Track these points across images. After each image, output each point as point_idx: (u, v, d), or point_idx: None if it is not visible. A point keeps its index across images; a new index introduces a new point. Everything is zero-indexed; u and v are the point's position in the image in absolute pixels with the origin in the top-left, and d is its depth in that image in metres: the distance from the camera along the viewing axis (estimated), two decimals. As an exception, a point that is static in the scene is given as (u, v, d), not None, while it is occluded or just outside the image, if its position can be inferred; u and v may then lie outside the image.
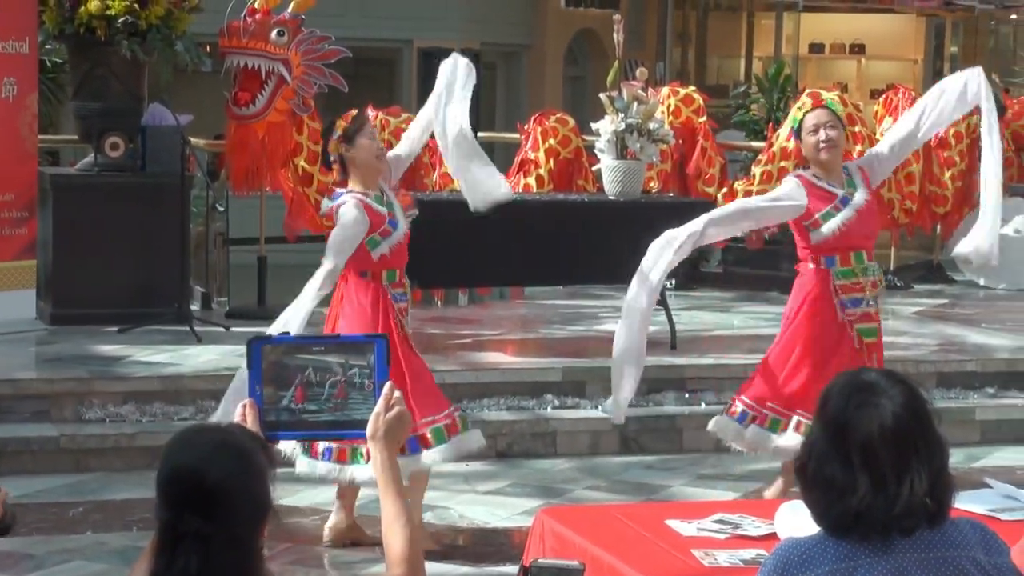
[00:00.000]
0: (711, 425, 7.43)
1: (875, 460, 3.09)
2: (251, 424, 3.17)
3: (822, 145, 7.02)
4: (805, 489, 3.19)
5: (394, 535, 3.12)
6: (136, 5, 10.10)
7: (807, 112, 7.22)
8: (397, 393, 3.17)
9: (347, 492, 7.03)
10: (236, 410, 3.21)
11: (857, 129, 12.45)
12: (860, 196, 7.08)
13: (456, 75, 7.40)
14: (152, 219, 10.18)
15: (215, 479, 2.83)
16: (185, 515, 2.82)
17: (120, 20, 10.05)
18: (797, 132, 7.23)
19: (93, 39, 10.14)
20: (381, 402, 3.16)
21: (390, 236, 6.86)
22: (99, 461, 8.17)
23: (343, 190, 6.94)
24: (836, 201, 7.03)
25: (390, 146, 11.47)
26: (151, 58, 10.37)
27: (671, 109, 12.25)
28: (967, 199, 13.55)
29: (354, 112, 7.22)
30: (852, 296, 7.04)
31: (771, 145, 12.32)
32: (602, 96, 10.01)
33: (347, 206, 6.78)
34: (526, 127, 12.23)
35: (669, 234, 6.90)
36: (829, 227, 7.01)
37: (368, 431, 3.16)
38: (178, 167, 10.03)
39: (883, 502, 3.08)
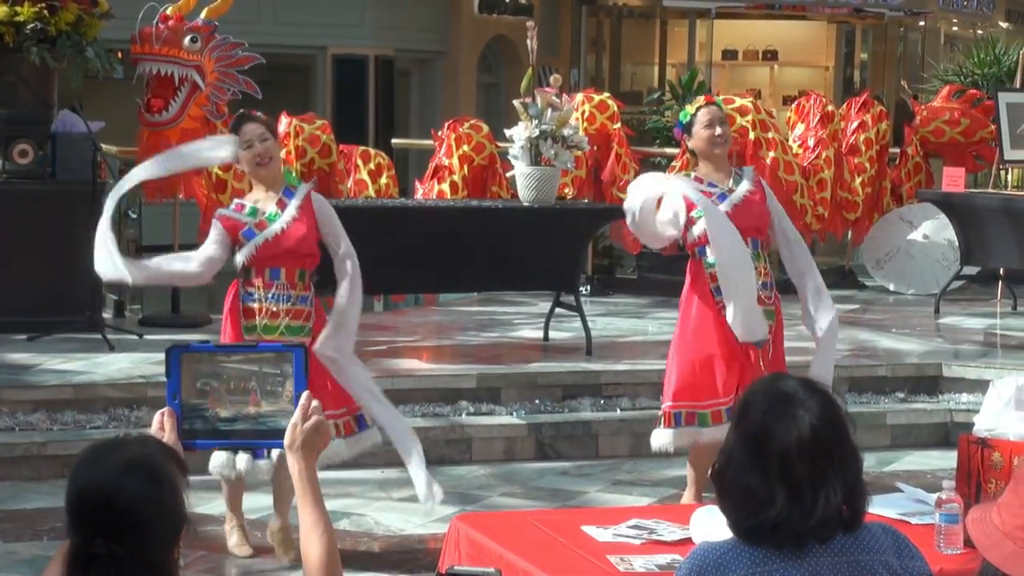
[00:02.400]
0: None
1: (792, 473, 3.10)
2: (168, 433, 3.15)
3: (717, 139, 7.23)
4: (721, 495, 3.20)
5: (312, 544, 3.11)
6: (45, 11, 9.99)
7: (700, 107, 7.37)
8: (315, 403, 3.17)
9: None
10: (155, 418, 3.19)
11: (770, 135, 12.56)
12: (741, 190, 7.26)
13: None
14: (63, 226, 10.07)
15: (125, 502, 2.77)
16: (96, 539, 2.77)
17: (29, 26, 9.94)
18: (687, 128, 7.35)
19: (1, 45, 10.03)
20: (299, 412, 3.15)
21: (245, 244, 6.83)
22: (8, 470, 8.08)
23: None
24: (713, 198, 7.19)
25: (303, 152, 11.51)
26: (61, 64, 10.27)
27: (585, 116, 12.30)
28: (877, 205, 13.71)
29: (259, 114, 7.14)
30: (718, 284, 7.18)
31: (684, 151, 12.39)
32: (516, 103, 10.02)
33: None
34: (440, 133, 12.23)
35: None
36: (701, 224, 7.15)
37: (286, 441, 3.15)
38: (89, 174, 9.94)
39: (799, 514, 3.10)
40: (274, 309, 6.85)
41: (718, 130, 7.24)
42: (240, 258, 6.87)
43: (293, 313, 6.87)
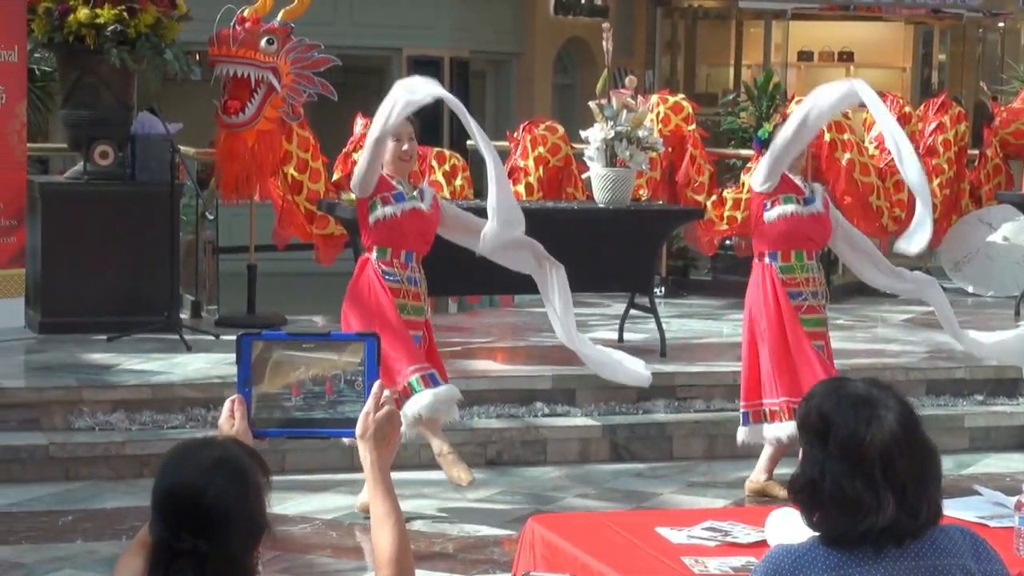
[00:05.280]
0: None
1: (895, 472, 3.08)
2: (239, 421, 3.16)
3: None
4: (815, 509, 3.15)
5: (383, 535, 3.11)
6: (125, 14, 10.08)
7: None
8: (387, 392, 3.16)
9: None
10: (224, 405, 3.19)
11: (846, 136, 12.48)
12: (818, 203, 7.76)
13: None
14: (141, 227, 10.16)
15: (213, 498, 2.81)
16: (181, 534, 2.80)
17: (109, 28, 10.04)
18: (766, 143, 7.83)
19: (82, 47, 10.13)
20: (370, 401, 3.15)
21: (390, 204, 7.25)
22: (89, 470, 8.16)
23: None
24: (801, 197, 7.73)
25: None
26: (140, 66, 10.35)
27: (660, 117, 12.26)
28: (955, 207, 13.60)
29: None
30: (812, 288, 7.78)
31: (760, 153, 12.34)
32: (591, 104, 10.02)
33: None
34: (515, 135, 12.24)
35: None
36: (784, 209, 7.67)
37: (358, 430, 3.15)
38: (168, 175, 10.02)
39: (906, 514, 3.08)
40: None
41: None
42: (378, 215, 7.30)
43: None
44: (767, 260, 7.75)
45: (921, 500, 3.10)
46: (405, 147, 7.33)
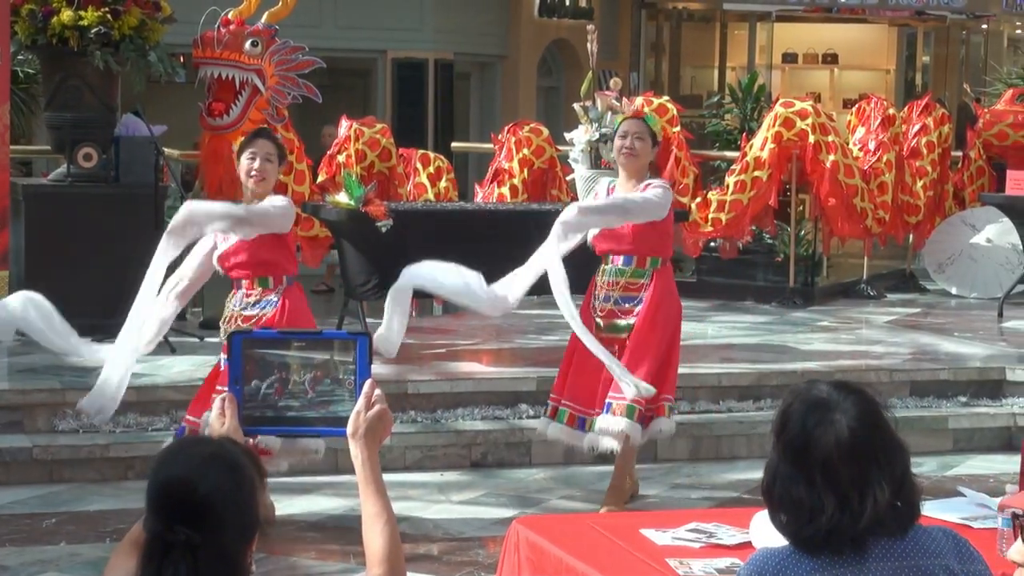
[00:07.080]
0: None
1: (836, 477, 3.08)
2: (230, 419, 3.16)
3: (624, 151, 7.46)
4: (773, 512, 3.18)
5: (374, 534, 3.11)
6: (109, 16, 10.07)
7: (626, 118, 7.72)
8: (378, 391, 3.17)
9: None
10: (215, 404, 3.20)
11: (830, 139, 12.50)
12: None
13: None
14: (125, 229, 10.13)
15: (206, 491, 2.82)
16: (175, 526, 2.81)
17: (93, 31, 10.02)
18: (614, 136, 7.68)
19: (66, 50, 10.11)
20: (362, 400, 3.15)
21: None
22: (72, 472, 8.14)
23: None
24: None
25: (363, 156, 11.54)
26: (124, 68, 10.34)
27: (645, 119, 12.26)
28: (939, 208, 13.63)
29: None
30: (605, 292, 7.58)
31: (745, 155, 12.36)
32: (576, 106, 10.03)
33: None
34: (500, 137, 12.25)
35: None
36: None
37: (349, 429, 3.15)
38: (152, 177, 10.01)
39: (849, 518, 3.08)
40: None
41: (628, 141, 7.43)
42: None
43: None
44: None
45: (865, 504, 3.08)
46: (256, 164, 7.20)
